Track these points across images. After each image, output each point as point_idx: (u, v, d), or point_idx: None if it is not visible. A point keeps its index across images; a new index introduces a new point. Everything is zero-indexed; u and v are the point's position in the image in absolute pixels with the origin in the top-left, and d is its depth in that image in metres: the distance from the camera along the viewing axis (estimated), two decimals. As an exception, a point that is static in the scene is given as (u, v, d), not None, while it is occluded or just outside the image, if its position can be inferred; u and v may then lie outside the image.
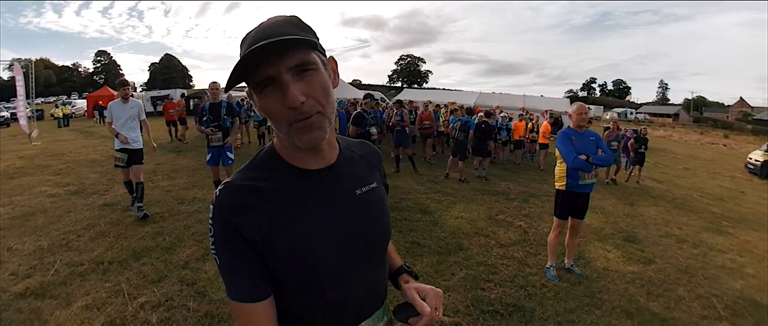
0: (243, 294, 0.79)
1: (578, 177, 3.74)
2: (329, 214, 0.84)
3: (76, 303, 3.07)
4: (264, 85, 0.75)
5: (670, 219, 6.89)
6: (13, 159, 9.99)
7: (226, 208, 0.79)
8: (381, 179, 1.03)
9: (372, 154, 1.04)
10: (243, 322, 0.80)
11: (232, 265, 0.80)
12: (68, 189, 6.72)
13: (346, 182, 0.90)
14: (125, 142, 4.94)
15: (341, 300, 0.86)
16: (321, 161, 0.87)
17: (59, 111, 22.88)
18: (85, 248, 4.16)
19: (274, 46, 0.70)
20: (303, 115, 0.75)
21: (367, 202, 0.91)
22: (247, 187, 0.81)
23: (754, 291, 4.16)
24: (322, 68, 0.79)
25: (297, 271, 0.81)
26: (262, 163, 0.87)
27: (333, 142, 0.91)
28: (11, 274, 3.57)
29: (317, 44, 0.79)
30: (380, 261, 0.96)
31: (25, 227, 4.79)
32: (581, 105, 3.90)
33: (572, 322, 3.18)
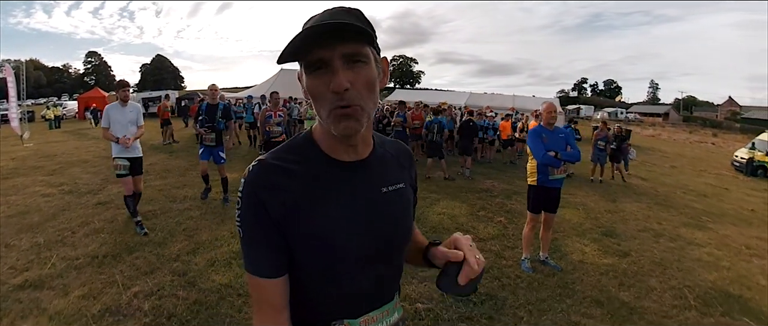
0: (261, 269, 0.82)
1: (548, 173, 3.95)
2: (353, 207, 0.86)
3: (73, 293, 3.22)
4: (316, 66, 0.77)
5: (651, 214, 7.11)
6: (5, 160, 10.02)
7: (256, 184, 0.82)
8: (410, 181, 1.04)
9: (404, 154, 1.05)
10: (257, 295, 0.84)
11: (254, 239, 0.83)
12: (62, 188, 6.83)
13: (374, 178, 0.91)
14: (125, 144, 4.55)
15: (353, 291, 0.88)
16: (353, 154, 0.89)
17: (50, 112, 22.77)
18: (80, 244, 4.30)
19: (332, 30, 0.72)
20: (344, 102, 0.77)
21: (391, 201, 0.93)
22: (279, 167, 0.84)
23: (727, 283, 4.36)
24: (373, 64, 0.81)
25: (313, 257, 0.84)
26: (297, 146, 0.90)
27: (368, 139, 0.93)
28: (10, 268, 3.70)
29: (374, 40, 0.81)
30: (397, 260, 0.98)
31: (21, 225, 4.91)
32: (551, 104, 4.11)
33: (543, 310, 3.36)
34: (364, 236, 0.86)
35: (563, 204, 7.10)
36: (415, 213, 1.03)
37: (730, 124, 57.68)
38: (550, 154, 3.83)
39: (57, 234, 4.55)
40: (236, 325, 2.93)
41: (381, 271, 0.91)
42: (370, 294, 0.91)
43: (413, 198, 1.06)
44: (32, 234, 4.58)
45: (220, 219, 5.27)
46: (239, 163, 9.06)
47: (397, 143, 1.07)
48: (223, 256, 4.07)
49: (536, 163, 4.00)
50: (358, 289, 0.88)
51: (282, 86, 18.01)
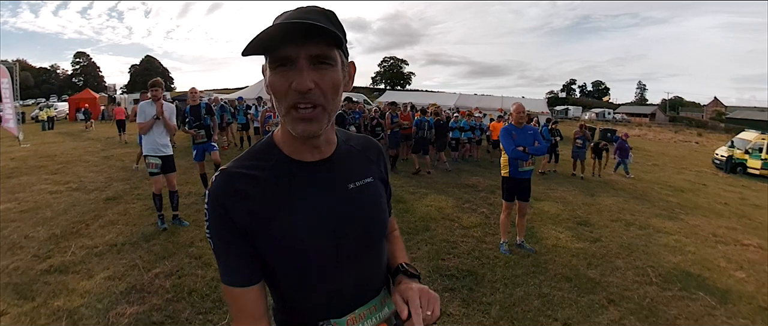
0: (233, 279, 0.83)
1: (518, 166, 4.45)
2: (321, 206, 0.86)
3: (98, 276, 3.60)
4: (280, 63, 0.76)
5: (626, 207, 7.58)
6: (5, 160, 10.17)
7: (220, 194, 0.83)
8: (379, 174, 1.03)
9: (372, 148, 1.05)
10: (234, 306, 0.84)
11: (224, 250, 0.83)
12: (69, 186, 7.13)
13: (340, 176, 0.91)
14: (164, 119, 4.70)
15: (333, 291, 0.88)
16: (317, 154, 0.89)
17: (43, 114, 22.80)
18: (97, 234, 4.65)
19: (301, 29, 0.72)
20: (306, 102, 0.77)
21: (360, 196, 0.92)
22: (242, 174, 0.84)
23: (689, 264, 4.82)
24: (340, 67, 0.81)
25: (287, 260, 0.84)
26: (259, 152, 0.90)
27: (331, 138, 0.93)
28: (33, 256, 4.04)
29: (343, 43, 0.81)
30: (375, 254, 0.97)
31: (35, 219, 5.23)
32: (520, 105, 4.63)
33: (517, 284, 3.83)
34: (336, 234, 0.86)
35: (543, 197, 7.63)
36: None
37: (714, 124, 58.94)
38: (518, 150, 4.33)
39: (72, 227, 4.89)
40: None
41: (361, 267, 0.92)
42: (353, 291, 0.91)
43: (386, 190, 1.07)
44: (48, 226, 4.91)
45: None
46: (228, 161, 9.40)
47: (366, 138, 1.08)
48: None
49: (508, 157, 4.49)
50: (340, 288, 0.89)
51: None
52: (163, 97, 4.86)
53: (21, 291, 3.35)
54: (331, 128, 0.91)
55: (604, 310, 3.44)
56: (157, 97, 4.69)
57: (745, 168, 16.98)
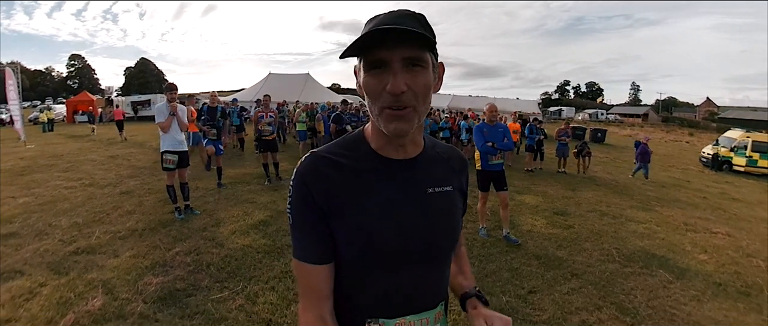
0: (307, 255, 0.85)
1: (488, 159, 4.97)
2: (396, 204, 0.87)
3: (124, 255, 4.09)
4: (375, 65, 0.80)
5: (603, 200, 8.08)
6: (13, 160, 10.58)
7: (306, 173, 0.86)
8: (460, 186, 1.03)
9: (457, 159, 1.06)
10: (303, 281, 0.87)
11: (302, 226, 0.86)
12: (82, 182, 7.58)
13: (420, 178, 0.92)
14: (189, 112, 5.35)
15: (390, 289, 0.88)
16: (402, 153, 0.91)
17: (44, 115, 23.15)
18: (117, 222, 5.14)
19: (396, 34, 0.75)
20: (399, 103, 0.79)
21: (436, 202, 0.93)
22: (329, 160, 0.88)
23: (654, 248, 5.29)
24: (430, 69, 0.83)
25: (353, 249, 0.85)
26: (349, 142, 0.93)
27: (418, 140, 0.94)
28: (59, 241, 4.50)
29: (434, 46, 0.84)
30: (439, 263, 0.96)
31: (55, 210, 5.69)
32: (493, 105, 5.16)
33: (491, 260, 4.37)
34: (405, 233, 0.87)
35: (525, 191, 8.15)
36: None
37: (706, 124, 59.74)
38: (488, 145, 4.86)
39: (92, 216, 5.36)
40: (257, 270, 3.84)
41: (422, 274, 0.91)
42: (409, 296, 0.90)
43: (463, 205, 1.06)
44: (69, 216, 5.37)
45: (232, 203, 6.21)
46: (229, 160, 9.92)
47: (453, 148, 1.09)
48: (242, 228, 5.00)
49: (479, 152, 5.03)
50: (397, 288, 0.89)
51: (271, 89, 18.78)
52: (177, 98, 5.34)
53: (54, 268, 3.82)
54: (419, 130, 0.93)
55: (566, 282, 3.95)
56: (173, 99, 5.17)
57: (730, 165, 17.56)
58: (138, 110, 28.95)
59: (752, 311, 3.80)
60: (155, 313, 3.02)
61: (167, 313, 3.03)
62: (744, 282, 4.43)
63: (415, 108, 0.81)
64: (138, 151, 12.01)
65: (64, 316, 2.97)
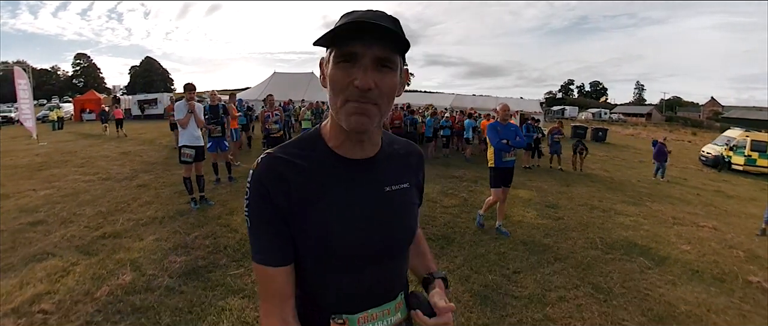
0: (268, 258, 0.85)
1: (502, 157, 5.21)
2: (354, 203, 0.88)
3: (147, 238, 4.50)
4: (346, 59, 0.80)
5: (596, 195, 8.42)
6: (29, 156, 11.00)
7: (263, 175, 0.86)
8: (416, 182, 1.05)
9: (414, 155, 1.07)
10: (264, 284, 0.87)
11: (261, 228, 0.86)
12: (98, 176, 8.02)
13: (378, 177, 0.93)
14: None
15: (351, 287, 0.90)
16: (360, 153, 0.91)
17: (54, 114, 23.61)
18: (138, 211, 5.56)
19: (374, 30, 0.77)
20: (363, 98, 0.80)
21: (393, 200, 0.94)
22: (285, 160, 0.87)
23: (638, 238, 5.60)
24: (398, 73, 0.85)
25: (313, 249, 0.86)
26: (306, 141, 0.92)
27: (376, 139, 0.95)
28: (85, 227, 4.92)
29: (406, 50, 0.86)
30: (398, 259, 0.99)
31: (77, 201, 6.10)
32: (506, 105, 5.39)
33: (480, 245, 4.77)
34: (364, 232, 0.88)
35: (520, 186, 8.51)
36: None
37: (710, 124, 59.67)
38: (503, 142, 5.12)
39: (114, 206, 5.78)
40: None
41: (382, 269, 0.93)
42: (371, 291, 0.93)
43: (418, 199, 1.08)
44: (92, 206, 5.78)
45: (243, 194, 6.52)
46: (253, 155, 10.36)
47: (410, 143, 1.09)
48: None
49: (493, 149, 5.24)
50: (358, 286, 0.90)
51: (276, 88, 19.20)
52: (195, 97, 5.74)
53: (84, 250, 4.23)
54: (379, 131, 0.95)
55: (549, 264, 4.33)
56: (191, 97, 5.59)
57: (729, 164, 17.78)
58: (144, 109, 29.29)
59: (723, 294, 4.10)
60: (180, 286, 3.43)
61: (191, 286, 3.45)
62: (721, 270, 4.72)
63: (380, 107, 0.83)
64: (149, 148, 12.44)
65: (99, 289, 3.38)
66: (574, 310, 3.42)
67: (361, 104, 0.80)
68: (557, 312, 3.38)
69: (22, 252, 4.19)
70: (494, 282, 3.79)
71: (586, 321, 3.26)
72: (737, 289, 4.26)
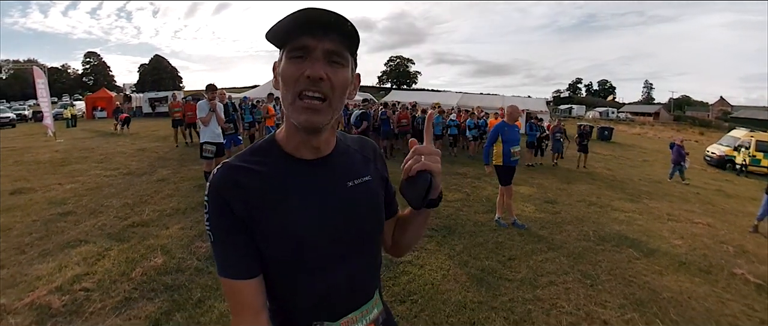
0: (232, 271, 0.83)
1: (510, 155, 5.43)
2: (318, 203, 0.88)
3: (173, 227, 4.91)
4: (298, 53, 0.81)
5: (595, 192, 8.70)
6: (49, 153, 11.42)
7: (220, 185, 0.85)
8: (377, 172, 1.05)
9: (368, 147, 1.07)
10: (234, 299, 0.84)
11: (224, 241, 0.84)
12: (119, 171, 8.45)
13: (338, 173, 0.94)
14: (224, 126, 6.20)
15: (327, 288, 0.89)
16: (316, 153, 0.92)
17: (68, 112, 24.18)
18: (162, 203, 5.97)
19: (323, 21, 0.78)
20: (316, 88, 0.80)
21: (358, 194, 0.94)
22: (242, 168, 0.87)
23: (631, 232, 5.86)
24: (349, 71, 0.86)
25: (281, 256, 0.85)
26: (260, 148, 0.92)
27: (330, 140, 0.95)
28: (115, 217, 5.33)
29: (356, 47, 0.87)
30: (369, 253, 0.99)
31: (102, 194, 6.52)
32: (514, 106, 5.68)
33: (479, 235, 5.14)
34: (332, 230, 0.88)
35: (522, 182, 8.84)
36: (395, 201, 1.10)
37: (718, 123, 59.34)
38: (490, 149, 5.48)
39: (138, 198, 6.20)
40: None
41: (357, 268, 0.94)
42: (349, 293, 0.93)
43: (386, 188, 1.08)
44: (117, 199, 6.20)
45: None
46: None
47: (362, 138, 1.10)
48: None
49: (501, 149, 5.45)
50: (332, 288, 0.90)
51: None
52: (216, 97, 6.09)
53: (115, 237, 4.64)
54: (332, 131, 0.95)
55: (542, 253, 4.67)
56: (213, 97, 5.97)
57: (733, 164, 17.89)
58: (155, 106, 29.85)
59: (707, 284, 4.34)
60: (208, 267, 3.83)
61: None
62: (709, 263, 4.96)
63: (331, 102, 0.83)
64: (163, 145, 12.91)
65: (133, 270, 3.78)
66: (561, 293, 3.76)
67: (313, 101, 0.81)
68: (546, 293, 3.72)
69: (56, 239, 4.59)
70: (490, 267, 4.16)
71: (572, 302, 3.60)
72: (721, 280, 4.48)
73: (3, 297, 3.32)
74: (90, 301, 3.26)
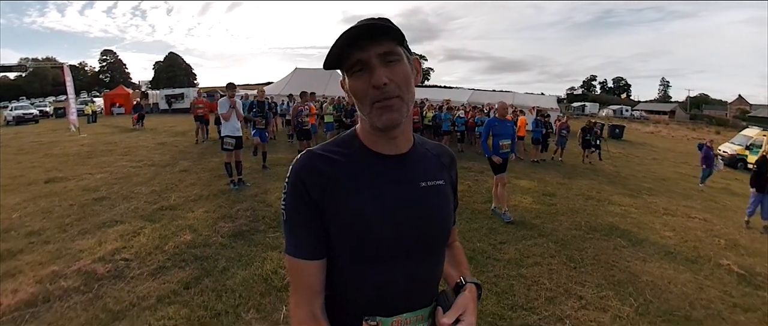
0: (301, 251, 0.89)
1: (499, 147, 5.86)
2: (390, 197, 0.91)
3: (198, 210, 5.46)
4: (356, 68, 0.87)
5: (595, 187, 8.97)
6: (75, 146, 12.06)
7: (301, 169, 0.91)
8: (451, 180, 1.08)
9: (445, 155, 1.10)
10: (296, 277, 0.90)
11: (296, 221, 0.90)
12: (143, 163, 9.04)
13: (413, 172, 0.96)
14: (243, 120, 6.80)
15: (384, 282, 0.91)
16: (394, 149, 0.95)
17: (89, 108, 25.04)
18: (186, 190, 6.54)
19: (365, 33, 0.83)
20: (385, 94, 0.85)
21: (429, 196, 0.96)
22: (323, 156, 0.92)
23: (622, 224, 6.12)
24: (406, 61, 0.90)
25: (347, 243, 0.89)
26: (342, 140, 0.98)
27: (408, 135, 0.99)
28: (145, 202, 5.89)
29: (404, 40, 0.90)
30: (434, 256, 1.00)
31: (132, 182, 7.10)
32: (503, 102, 6.08)
33: (475, 222, 5.59)
34: (399, 223, 0.90)
35: (524, 176, 9.20)
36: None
37: (736, 123, 58.36)
38: (486, 144, 5.87)
39: (164, 186, 6.77)
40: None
41: (416, 269, 0.94)
42: (405, 292, 0.93)
43: (454, 199, 1.10)
44: (146, 187, 6.77)
45: (275, 178, 7.56)
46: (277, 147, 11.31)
47: (440, 146, 1.13)
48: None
49: (491, 141, 5.89)
50: (393, 284, 0.91)
51: (298, 84, 20.05)
52: (236, 94, 6.71)
53: (147, 218, 5.18)
54: (409, 123, 0.97)
55: (532, 239, 5.08)
56: (232, 94, 6.53)
57: (745, 163, 17.86)
58: (172, 103, 30.55)
59: (690, 272, 4.58)
60: (231, 243, 4.38)
61: (239, 243, 4.40)
62: (697, 254, 5.18)
63: (402, 97, 0.87)
64: (183, 139, 13.52)
65: (166, 244, 4.32)
66: (545, 272, 4.17)
67: (385, 101, 0.86)
68: (531, 272, 4.13)
69: (93, 220, 5.15)
70: (481, 248, 4.61)
71: (553, 280, 4.00)
72: (706, 269, 4.70)
73: (54, 265, 3.87)
74: (129, 269, 3.80)
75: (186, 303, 3.23)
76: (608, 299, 3.73)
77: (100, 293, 3.38)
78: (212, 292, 3.38)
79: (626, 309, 3.56)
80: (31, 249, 4.24)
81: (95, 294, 3.36)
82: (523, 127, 13.10)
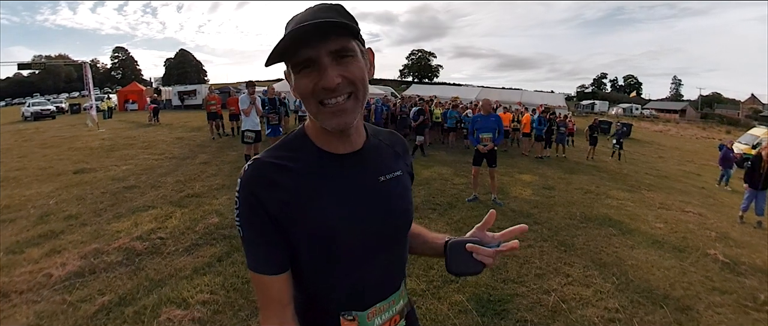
0: (261, 266, 0.85)
1: (479, 140, 6.46)
2: (351, 198, 0.89)
3: (221, 198, 5.96)
4: (303, 66, 0.80)
5: (595, 181, 9.31)
6: (96, 140, 12.58)
7: (252, 182, 0.84)
8: (407, 168, 1.06)
9: (398, 143, 1.08)
10: (262, 293, 0.87)
11: (255, 238, 0.84)
12: (164, 156, 9.59)
13: (370, 168, 0.94)
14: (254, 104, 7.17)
15: (358, 282, 0.91)
16: (348, 146, 0.92)
17: (104, 104, 25.69)
18: (208, 180, 7.06)
19: (316, 30, 0.75)
20: (335, 95, 0.80)
21: (390, 189, 0.95)
22: (274, 164, 0.86)
23: (616, 215, 6.45)
24: (360, 56, 0.84)
25: (316, 250, 0.86)
26: (291, 143, 0.92)
27: (360, 129, 0.95)
28: (172, 190, 6.41)
29: (357, 33, 0.83)
30: (400, 246, 1.01)
31: (157, 173, 7.63)
32: (487, 100, 6.71)
33: (474, 210, 6.01)
34: (366, 225, 0.89)
35: (526, 171, 9.61)
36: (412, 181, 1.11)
37: (748, 122, 57.87)
38: (473, 137, 6.52)
39: (188, 177, 7.30)
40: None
41: (385, 260, 0.95)
42: (377, 284, 0.95)
43: (410, 184, 1.09)
44: (171, 177, 7.29)
45: None
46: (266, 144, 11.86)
47: (392, 133, 1.10)
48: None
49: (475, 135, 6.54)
50: (364, 280, 0.92)
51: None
52: (255, 91, 7.23)
53: (176, 204, 5.70)
54: (361, 120, 0.93)
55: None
56: (252, 91, 7.05)
57: (752, 162, 17.88)
58: (184, 99, 31.07)
59: (676, 259, 4.83)
60: None
61: None
62: (686, 244, 5.42)
63: (355, 94, 0.83)
64: (199, 134, 14.05)
65: (196, 225, 4.83)
66: (536, 253, 4.59)
67: (336, 103, 0.81)
68: (523, 253, 4.55)
69: (125, 205, 5.67)
70: (476, 234, 5.01)
71: (544, 260, 4.42)
72: (692, 257, 4.93)
73: (95, 243, 4.37)
74: (165, 246, 4.30)
75: (219, 272, 3.72)
76: (593, 278, 4.12)
77: (142, 266, 3.87)
78: (242, 264, 3.84)
79: (608, 286, 3.95)
80: (71, 231, 4.73)
81: (137, 266, 3.86)
82: (528, 125, 13.50)
